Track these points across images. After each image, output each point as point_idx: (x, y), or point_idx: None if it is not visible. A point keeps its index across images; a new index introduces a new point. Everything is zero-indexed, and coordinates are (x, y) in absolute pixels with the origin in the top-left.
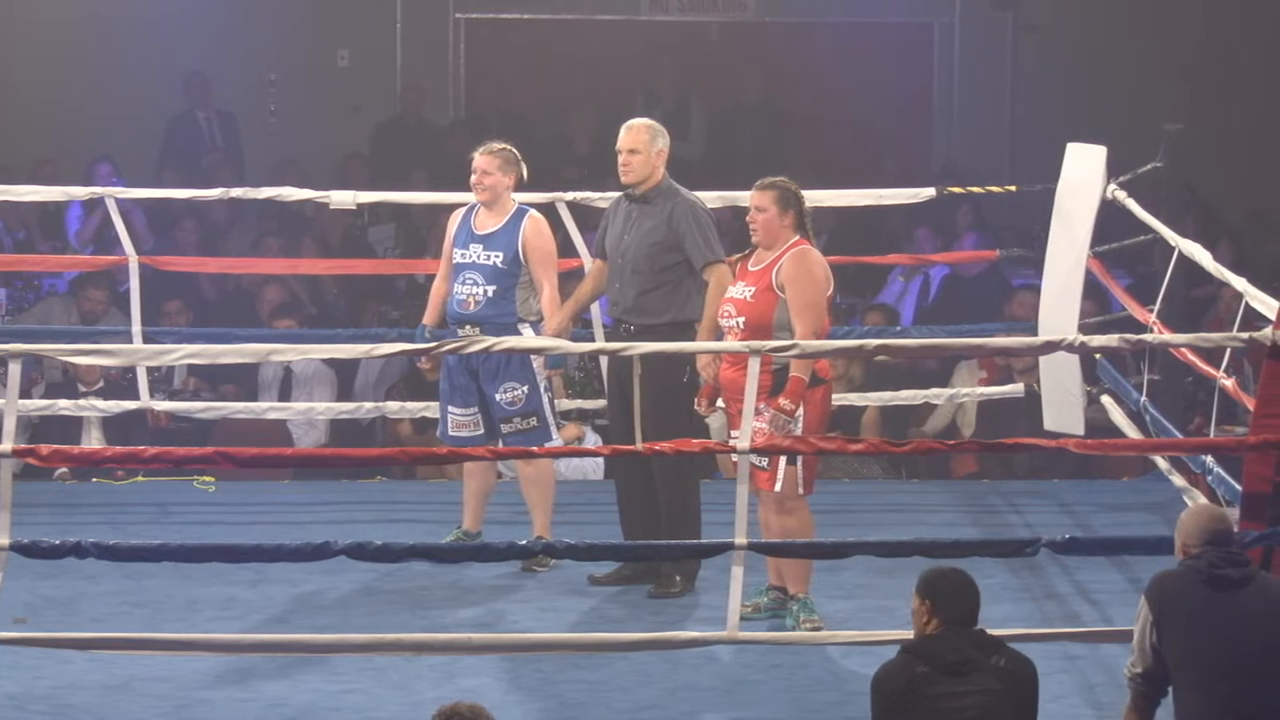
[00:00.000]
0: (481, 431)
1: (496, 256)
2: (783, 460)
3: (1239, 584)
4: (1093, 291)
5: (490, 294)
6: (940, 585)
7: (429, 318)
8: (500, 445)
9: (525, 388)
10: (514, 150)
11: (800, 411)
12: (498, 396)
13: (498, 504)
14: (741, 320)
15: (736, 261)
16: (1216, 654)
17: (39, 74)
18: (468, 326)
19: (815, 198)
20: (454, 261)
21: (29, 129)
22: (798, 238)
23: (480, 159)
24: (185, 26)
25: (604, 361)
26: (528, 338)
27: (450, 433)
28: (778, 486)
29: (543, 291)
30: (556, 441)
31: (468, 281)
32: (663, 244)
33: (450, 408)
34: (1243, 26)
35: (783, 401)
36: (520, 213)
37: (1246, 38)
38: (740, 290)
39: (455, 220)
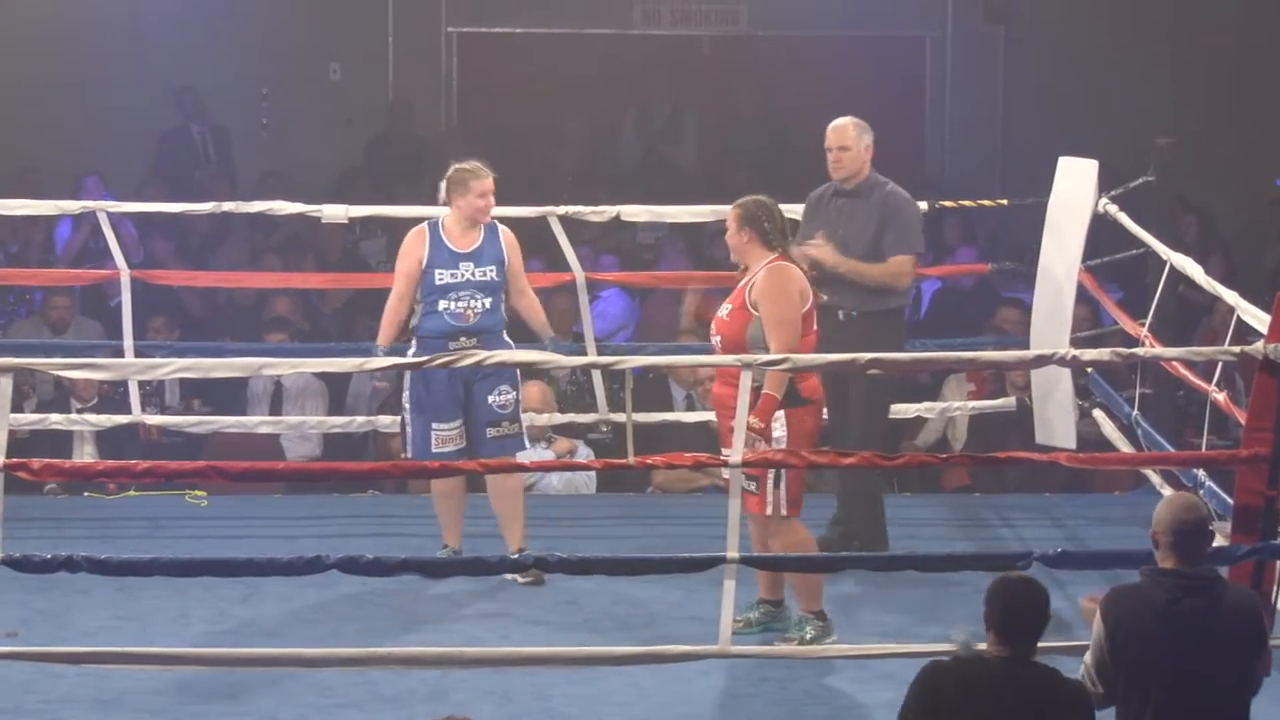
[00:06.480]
0: (464, 445)
1: (491, 270)
2: (769, 483)
3: (1203, 612)
4: (1084, 305)
5: (488, 305)
6: (995, 599)
7: (384, 338)
8: (482, 453)
9: (514, 393)
10: None
11: (783, 434)
12: (490, 399)
13: (481, 518)
14: (718, 339)
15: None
16: (1169, 679)
17: (25, 88)
18: (463, 339)
19: None
20: (438, 283)
21: (15, 143)
22: (773, 255)
23: (492, 182)
24: (176, 40)
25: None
26: (519, 351)
27: (435, 449)
28: (769, 510)
29: (525, 294)
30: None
31: (463, 298)
32: (879, 231)
33: (435, 424)
34: (1234, 40)
35: (751, 420)
36: (493, 226)
37: (1237, 52)
38: (723, 308)
39: (421, 241)
